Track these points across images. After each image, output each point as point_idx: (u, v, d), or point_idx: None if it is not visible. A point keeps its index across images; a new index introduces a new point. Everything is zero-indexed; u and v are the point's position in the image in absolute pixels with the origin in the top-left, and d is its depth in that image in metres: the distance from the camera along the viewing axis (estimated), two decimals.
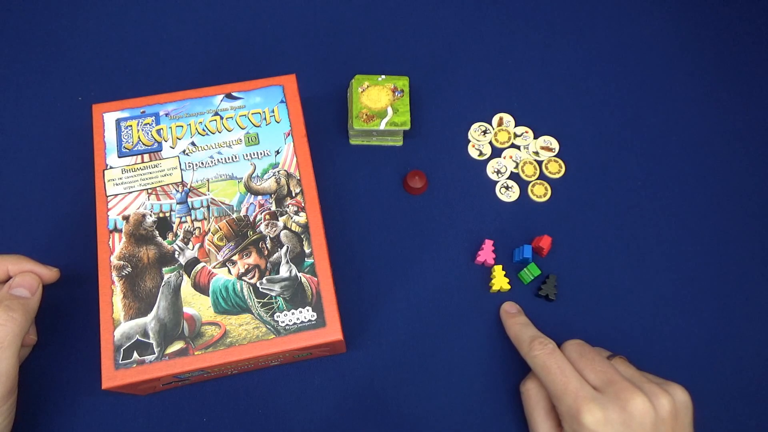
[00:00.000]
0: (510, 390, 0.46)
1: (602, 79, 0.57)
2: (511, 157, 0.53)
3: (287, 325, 0.41)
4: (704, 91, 0.57)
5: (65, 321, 0.44)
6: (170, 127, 0.47)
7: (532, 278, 0.48)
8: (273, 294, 0.42)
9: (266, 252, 0.43)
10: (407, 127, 0.50)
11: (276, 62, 0.57)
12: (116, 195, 0.45)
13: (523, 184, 0.53)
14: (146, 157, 0.46)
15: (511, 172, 0.53)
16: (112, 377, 0.39)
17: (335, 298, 0.42)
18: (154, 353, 0.40)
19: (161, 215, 0.44)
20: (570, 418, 0.38)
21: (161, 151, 0.47)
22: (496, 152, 0.54)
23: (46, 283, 0.42)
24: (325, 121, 0.54)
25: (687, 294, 0.49)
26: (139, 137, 0.47)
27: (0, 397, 0.37)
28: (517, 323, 0.45)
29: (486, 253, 0.48)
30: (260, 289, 0.42)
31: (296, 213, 0.45)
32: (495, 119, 0.55)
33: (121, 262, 0.43)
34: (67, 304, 0.45)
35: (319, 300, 0.42)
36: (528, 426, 0.43)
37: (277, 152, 0.47)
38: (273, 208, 0.45)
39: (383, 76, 0.52)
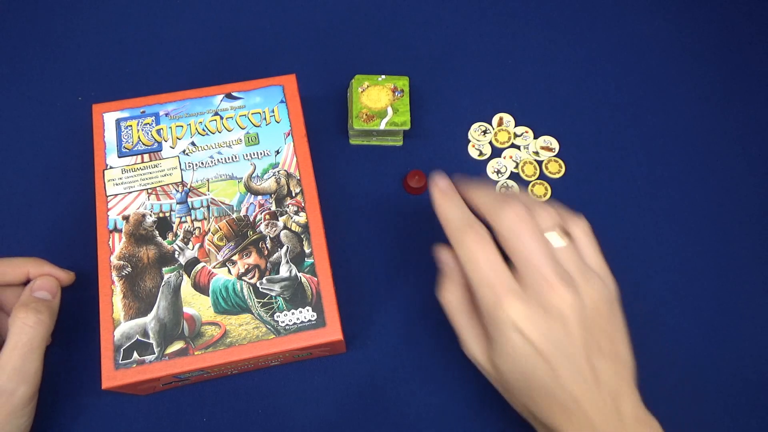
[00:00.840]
0: None
1: (602, 79, 0.57)
2: (511, 157, 0.53)
3: (287, 325, 0.41)
4: (704, 91, 0.57)
5: (65, 321, 0.44)
6: (170, 127, 0.47)
7: None
8: (273, 294, 0.42)
9: (266, 252, 0.43)
10: (407, 127, 0.50)
11: (276, 62, 0.57)
12: (116, 195, 0.45)
13: (523, 184, 0.53)
14: (146, 157, 0.46)
15: (511, 172, 0.53)
16: (112, 377, 0.39)
17: (335, 298, 0.42)
18: (154, 353, 0.40)
19: (161, 215, 0.44)
20: (491, 308, 0.35)
21: (161, 151, 0.47)
22: (496, 152, 0.54)
23: (63, 285, 0.43)
24: (325, 121, 0.54)
25: (687, 294, 0.49)
26: (139, 137, 0.47)
27: (27, 398, 0.38)
28: (450, 202, 0.39)
29: None
30: (260, 289, 0.42)
31: (296, 213, 0.45)
32: (495, 119, 0.55)
33: (121, 262, 0.43)
34: (67, 303, 0.45)
35: (319, 300, 0.42)
36: (456, 336, 0.40)
37: (277, 152, 0.47)
38: (273, 208, 0.45)
39: (383, 76, 0.52)
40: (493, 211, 0.37)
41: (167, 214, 0.44)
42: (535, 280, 0.35)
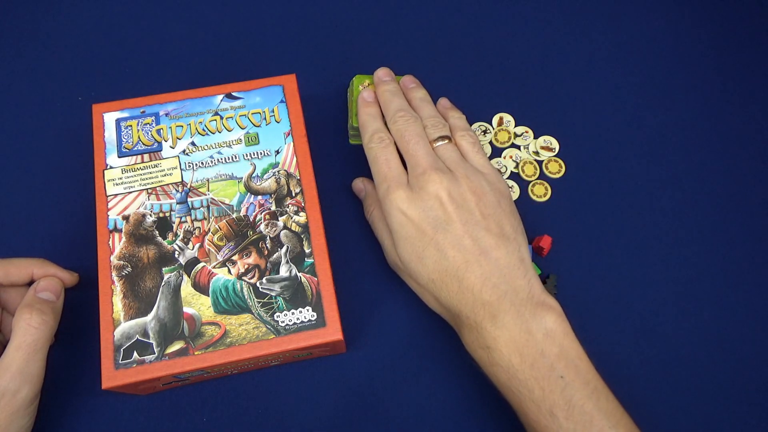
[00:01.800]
0: None
1: (602, 79, 0.57)
2: (511, 157, 0.53)
3: (287, 325, 0.41)
4: (704, 90, 0.57)
5: (65, 321, 0.43)
6: (170, 127, 0.47)
7: None
8: (273, 294, 0.42)
9: (266, 252, 0.43)
10: None
11: (276, 62, 0.57)
12: (116, 195, 0.45)
13: (523, 184, 0.53)
14: (146, 157, 0.46)
15: (511, 172, 0.53)
16: (112, 377, 0.39)
17: (335, 298, 0.42)
18: (154, 353, 0.40)
19: (161, 215, 0.44)
20: (383, 200, 0.42)
21: (161, 151, 0.47)
22: (496, 152, 0.54)
23: (66, 286, 0.43)
24: (325, 121, 0.54)
25: (687, 294, 0.49)
26: (139, 137, 0.47)
27: (30, 399, 0.38)
28: (368, 113, 0.47)
29: None
30: (260, 289, 0.42)
31: (296, 213, 0.45)
32: (495, 119, 0.55)
33: (121, 262, 0.43)
34: (67, 303, 0.45)
35: (319, 300, 0.42)
36: (382, 248, 0.46)
37: (277, 152, 0.47)
38: (273, 208, 0.45)
39: None
40: (389, 118, 0.45)
41: (167, 214, 0.44)
42: (416, 172, 0.42)
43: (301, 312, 0.41)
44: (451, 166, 0.42)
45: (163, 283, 0.42)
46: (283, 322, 0.41)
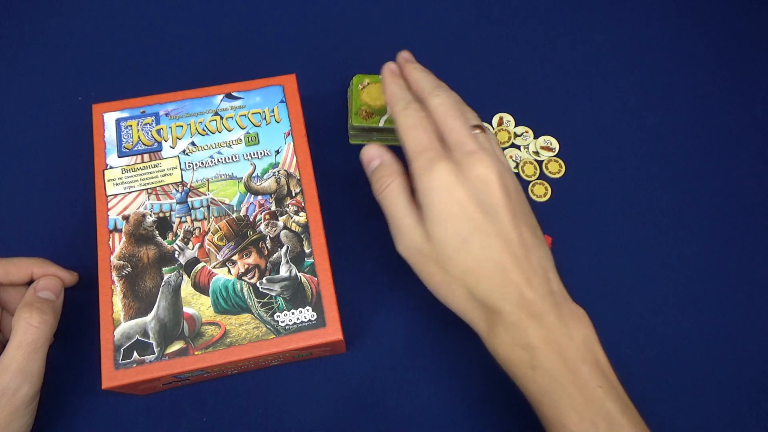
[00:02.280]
0: (510, 389, 0.46)
1: (602, 79, 0.57)
2: (511, 157, 0.53)
3: (287, 325, 0.41)
4: (704, 90, 0.57)
5: (65, 321, 0.44)
6: (170, 127, 0.47)
7: None
8: (273, 294, 0.42)
9: (266, 252, 0.43)
10: None
11: (276, 62, 0.57)
12: (116, 195, 0.45)
13: (523, 184, 0.53)
14: (146, 157, 0.46)
15: None
16: (112, 377, 0.39)
17: (335, 298, 0.42)
18: (154, 353, 0.40)
19: (161, 215, 0.44)
20: (425, 172, 0.37)
21: (161, 151, 0.47)
22: None
23: (66, 286, 0.43)
24: (325, 121, 0.54)
25: (687, 294, 0.49)
26: (139, 137, 0.47)
27: (30, 398, 0.38)
28: (396, 83, 0.43)
29: None
30: (260, 289, 0.42)
31: (296, 213, 0.45)
32: (495, 119, 0.55)
33: (121, 262, 0.43)
34: (66, 303, 0.45)
35: (319, 300, 0.42)
36: (390, 228, 0.41)
37: (277, 152, 0.47)
38: (273, 208, 0.45)
39: None
40: (427, 93, 0.42)
41: (167, 214, 0.44)
42: (464, 149, 0.38)
43: (301, 312, 0.41)
44: (493, 151, 0.39)
45: (163, 283, 0.42)
46: (283, 322, 0.41)
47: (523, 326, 0.36)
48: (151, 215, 0.44)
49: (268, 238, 0.44)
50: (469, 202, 0.36)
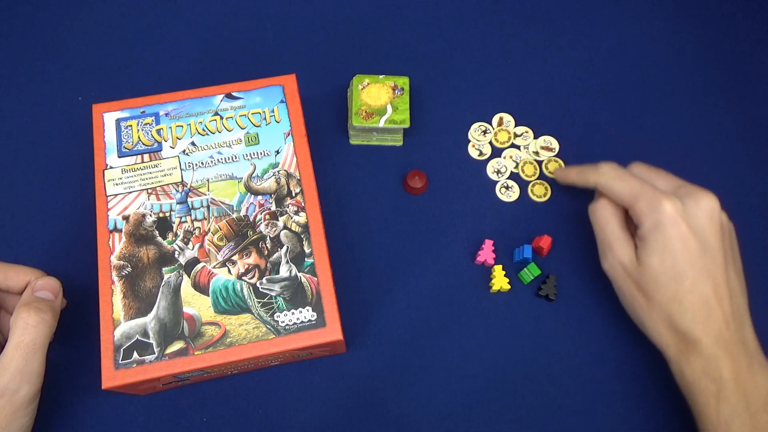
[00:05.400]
0: (510, 390, 0.46)
1: (602, 79, 0.57)
2: (511, 157, 0.53)
3: (287, 325, 0.41)
4: (704, 91, 0.57)
5: (65, 321, 0.44)
6: (170, 127, 0.47)
7: (532, 278, 0.48)
8: (273, 294, 0.42)
9: (266, 252, 0.43)
10: (406, 125, 0.50)
11: (276, 62, 0.57)
12: (116, 195, 0.45)
13: (523, 184, 0.53)
14: (146, 157, 0.46)
15: (511, 172, 0.53)
16: (112, 377, 0.39)
17: (335, 298, 0.42)
18: (154, 353, 0.40)
19: (161, 215, 0.44)
20: (650, 210, 0.40)
21: (161, 151, 0.47)
22: (496, 152, 0.54)
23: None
24: (325, 121, 0.54)
25: None
26: (139, 137, 0.47)
27: (30, 398, 0.38)
28: (574, 166, 0.48)
29: (486, 253, 0.48)
30: (260, 289, 0.42)
31: (296, 213, 0.45)
32: (495, 119, 0.55)
33: (121, 262, 0.43)
34: (67, 304, 0.45)
35: (319, 300, 0.42)
36: (599, 245, 0.45)
37: (277, 152, 0.47)
38: (273, 208, 0.45)
39: (383, 76, 0.52)
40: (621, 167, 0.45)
41: (167, 214, 0.44)
42: (686, 189, 0.41)
43: (301, 312, 0.41)
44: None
45: (163, 283, 0.42)
46: (283, 322, 0.41)
47: (718, 360, 0.38)
48: (151, 215, 0.44)
49: (268, 238, 0.44)
50: (691, 239, 0.40)
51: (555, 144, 0.54)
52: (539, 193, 0.52)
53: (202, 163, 0.46)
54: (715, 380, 0.38)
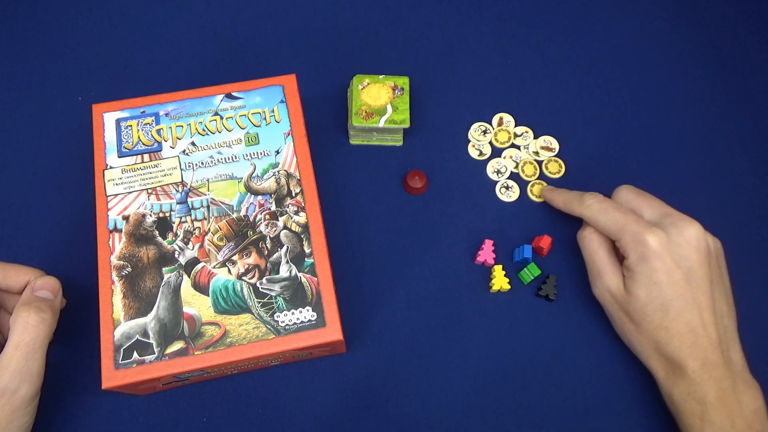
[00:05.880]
0: (510, 390, 0.46)
1: (602, 79, 0.57)
2: (511, 157, 0.53)
3: (287, 325, 0.41)
4: (704, 90, 0.57)
5: (65, 321, 0.44)
6: (170, 127, 0.47)
7: (532, 278, 0.48)
8: (273, 294, 0.42)
9: (266, 252, 0.43)
10: (406, 125, 0.50)
11: (276, 62, 0.57)
12: (116, 195, 0.45)
13: (523, 184, 0.53)
14: (146, 157, 0.46)
15: (511, 172, 0.53)
16: (112, 377, 0.39)
17: (335, 298, 0.42)
18: (154, 353, 0.40)
19: (161, 215, 0.44)
20: (635, 244, 0.41)
21: (161, 151, 0.47)
22: (496, 152, 0.54)
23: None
24: (325, 121, 0.54)
25: None
26: (139, 137, 0.47)
27: (30, 397, 0.38)
28: (561, 192, 0.48)
29: (486, 253, 0.48)
30: (260, 289, 0.42)
31: (296, 213, 0.45)
32: (495, 119, 0.55)
33: (121, 262, 0.43)
34: (67, 303, 0.45)
35: (319, 300, 0.42)
36: (589, 272, 0.46)
37: (277, 152, 0.47)
38: (273, 208, 0.45)
39: (383, 76, 0.52)
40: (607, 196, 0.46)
41: (167, 214, 0.44)
42: (672, 219, 0.42)
43: (301, 312, 0.41)
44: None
45: (163, 283, 0.42)
46: (283, 322, 0.41)
47: (703, 384, 0.39)
48: (151, 215, 0.44)
49: (268, 238, 0.44)
50: (676, 271, 0.40)
51: (555, 144, 0.54)
52: (539, 193, 0.52)
53: (202, 163, 0.46)
54: (701, 402, 0.39)
